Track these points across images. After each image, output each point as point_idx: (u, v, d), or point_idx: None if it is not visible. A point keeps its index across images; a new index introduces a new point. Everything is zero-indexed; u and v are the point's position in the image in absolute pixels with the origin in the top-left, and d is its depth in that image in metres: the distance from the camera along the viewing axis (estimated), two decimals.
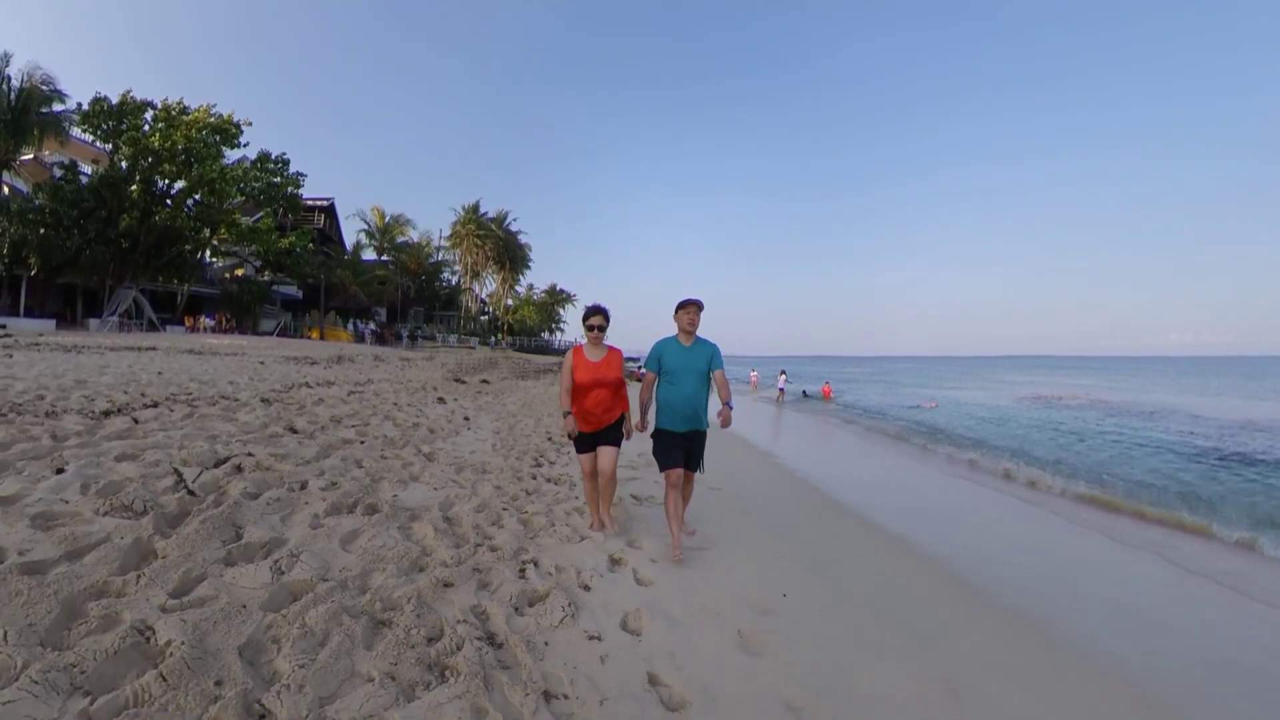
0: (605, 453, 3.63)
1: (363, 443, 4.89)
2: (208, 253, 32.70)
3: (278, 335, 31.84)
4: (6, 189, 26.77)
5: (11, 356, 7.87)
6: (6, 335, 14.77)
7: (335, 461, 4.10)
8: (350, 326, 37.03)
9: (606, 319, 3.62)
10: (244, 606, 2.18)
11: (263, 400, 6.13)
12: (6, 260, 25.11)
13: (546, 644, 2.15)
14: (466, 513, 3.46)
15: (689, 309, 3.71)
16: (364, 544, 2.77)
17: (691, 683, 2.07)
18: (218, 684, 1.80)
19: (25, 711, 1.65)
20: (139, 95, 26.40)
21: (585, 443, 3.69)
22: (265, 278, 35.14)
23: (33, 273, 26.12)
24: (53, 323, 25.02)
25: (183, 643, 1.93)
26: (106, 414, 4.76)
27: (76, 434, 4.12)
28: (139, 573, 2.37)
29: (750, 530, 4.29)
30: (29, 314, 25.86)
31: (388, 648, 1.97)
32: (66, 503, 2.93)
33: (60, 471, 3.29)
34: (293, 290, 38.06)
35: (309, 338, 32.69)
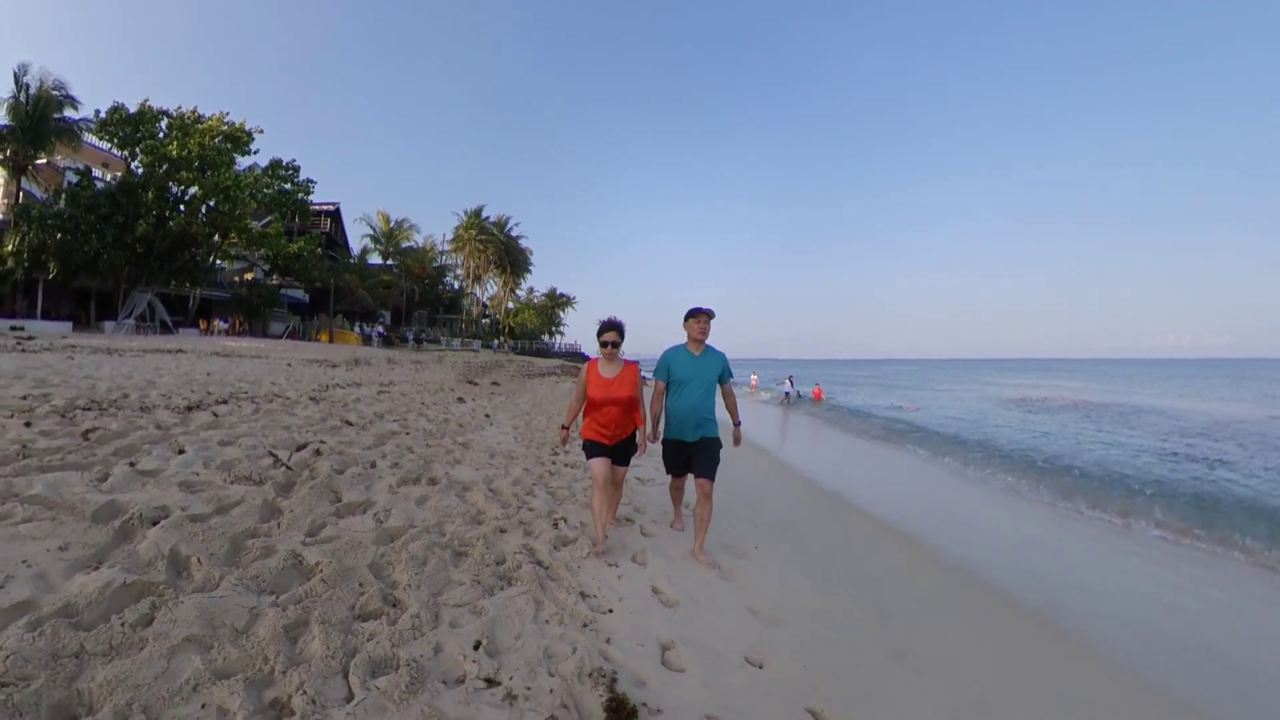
0: (615, 471, 3.68)
1: (407, 434, 5.74)
2: (217, 257, 33.50)
3: (287, 337, 32.66)
4: (21, 195, 27.52)
5: (73, 359, 8.70)
6: (30, 338, 15.53)
7: (391, 448, 4.95)
8: (356, 329, 37.87)
9: (621, 335, 3.55)
10: (361, 543, 3.02)
11: (311, 399, 6.97)
12: (26, 264, 25.85)
13: (579, 567, 3.00)
14: (506, 486, 4.32)
15: (700, 317, 3.65)
16: (434, 504, 3.62)
17: (681, 594, 2.92)
18: (360, 585, 2.64)
19: (235, 602, 2.47)
20: (144, 98, 27.26)
21: (599, 451, 3.65)
22: (274, 281, 36.00)
23: (50, 276, 26.85)
24: (69, 325, 25.71)
25: (329, 563, 2.77)
26: (189, 409, 5.60)
27: (174, 424, 4.95)
28: (276, 521, 3.21)
29: (733, 503, 5.13)
30: (45, 316, 26.65)
31: (470, 566, 2.82)
32: (198, 475, 3.76)
33: (181, 452, 4.12)
34: (299, 294, 38.96)
35: (318, 340, 33.46)
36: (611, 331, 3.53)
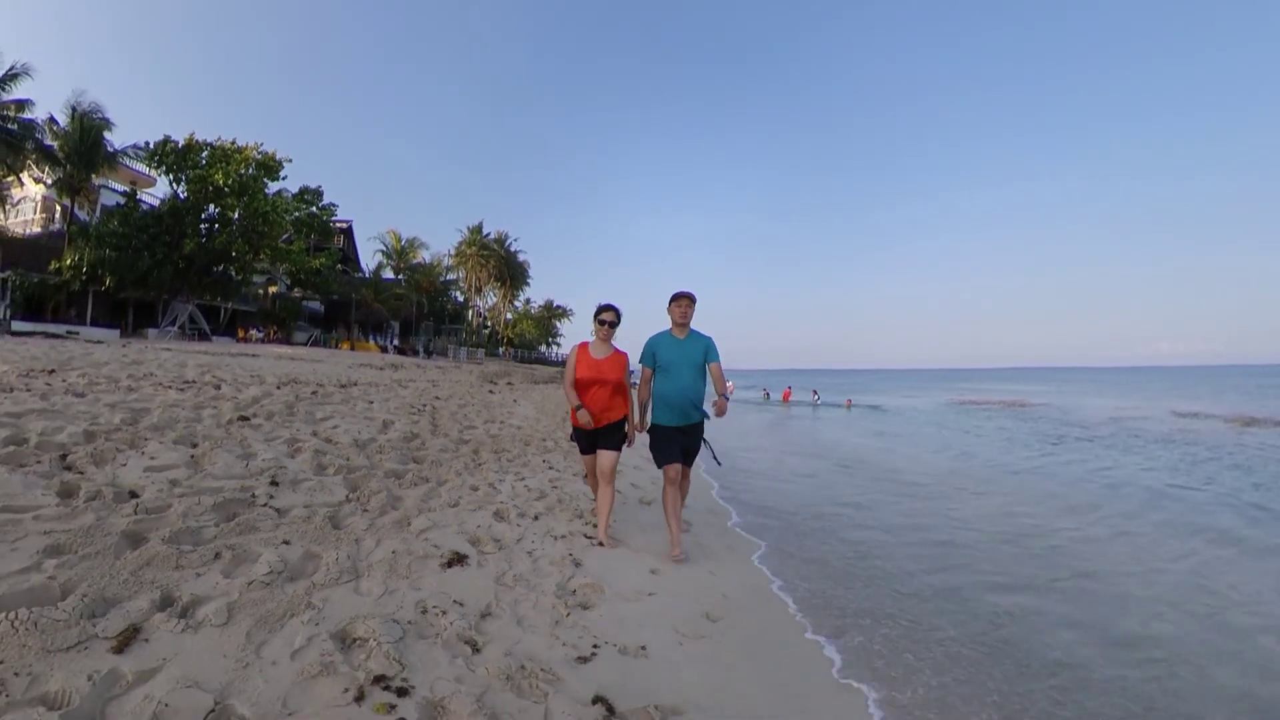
0: (604, 456, 3.60)
1: (473, 406, 9.29)
2: (248, 273, 36.69)
3: (310, 346, 35.87)
4: (62, 213, 30.63)
5: (215, 358, 12.16)
6: (99, 342, 18.52)
7: (470, 409, 8.52)
8: (371, 339, 41.21)
9: (618, 317, 3.65)
10: (483, 436, 6.59)
11: (400, 385, 10.52)
12: (84, 277, 29.03)
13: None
14: (540, 428, 7.91)
15: (680, 301, 3.69)
16: (506, 431, 7.25)
17: (625, 463, 6.49)
18: (491, 445, 6.19)
19: (449, 445, 5.99)
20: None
21: (586, 442, 3.73)
22: (295, 294, 39.38)
23: (103, 288, 29.96)
24: (116, 332, 28.74)
25: (474, 440, 6.34)
26: (343, 386, 9.11)
27: (344, 394, 8.43)
28: (439, 428, 6.76)
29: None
30: (94, 324, 29.86)
31: (532, 448, 6.46)
32: (391, 413, 7.26)
33: (371, 403, 7.64)
34: (316, 305, 42.40)
35: (341, 349, 36.64)
36: (609, 312, 3.67)
